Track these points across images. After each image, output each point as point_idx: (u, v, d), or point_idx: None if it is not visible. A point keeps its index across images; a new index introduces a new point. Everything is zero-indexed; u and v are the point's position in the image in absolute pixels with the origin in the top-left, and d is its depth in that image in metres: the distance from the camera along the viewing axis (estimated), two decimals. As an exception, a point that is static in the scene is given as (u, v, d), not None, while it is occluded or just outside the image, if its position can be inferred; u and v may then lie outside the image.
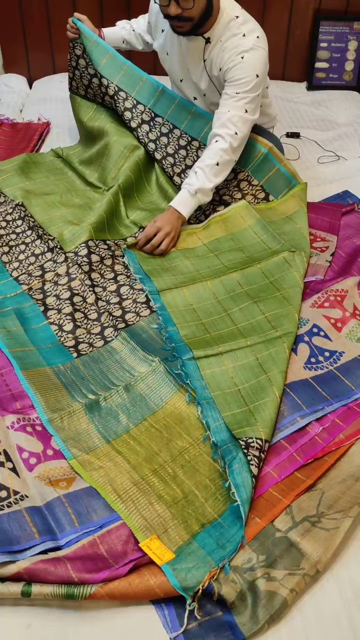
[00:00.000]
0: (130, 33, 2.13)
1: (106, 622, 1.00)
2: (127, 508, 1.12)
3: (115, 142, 2.10)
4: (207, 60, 1.85)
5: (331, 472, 1.22)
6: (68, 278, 1.67)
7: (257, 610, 0.99)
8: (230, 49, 1.77)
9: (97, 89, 2.14)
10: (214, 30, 1.80)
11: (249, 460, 1.17)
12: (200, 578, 1.02)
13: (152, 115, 2.08)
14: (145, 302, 1.62)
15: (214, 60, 1.83)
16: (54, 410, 1.31)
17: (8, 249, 1.84)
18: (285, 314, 1.53)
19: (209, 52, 1.83)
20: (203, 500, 1.16)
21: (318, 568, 1.04)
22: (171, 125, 2.06)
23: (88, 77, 2.14)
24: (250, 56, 1.76)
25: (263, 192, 1.98)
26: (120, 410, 1.33)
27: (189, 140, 2.04)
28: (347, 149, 2.46)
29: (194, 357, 1.43)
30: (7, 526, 1.07)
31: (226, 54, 1.78)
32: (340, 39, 2.92)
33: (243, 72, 1.76)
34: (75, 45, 2.10)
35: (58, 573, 0.99)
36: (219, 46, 1.80)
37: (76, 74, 2.18)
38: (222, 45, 1.79)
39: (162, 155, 2.06)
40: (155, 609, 1.01)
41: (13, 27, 2.89)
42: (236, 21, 1.78)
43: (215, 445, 1.25)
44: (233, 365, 1.42)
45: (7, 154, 2.33)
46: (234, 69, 1.77)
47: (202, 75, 1.90)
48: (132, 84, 2.08)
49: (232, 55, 1.77)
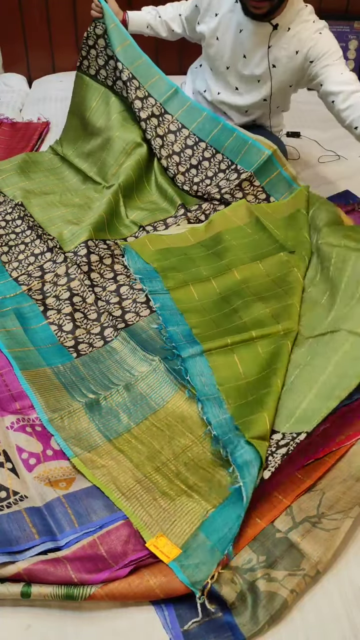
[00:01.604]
0: (155, 19, 2.14)
1: (106, 622, 0.99)
2: (131, 505, 1.12)
3: (118, 138, 2.08)
4: (272, 47, 1.90)
5: (331, 472, 1.21)
6: (67, 278, 1.67)
7: (257, 610, 0.99)
8: (303, 31, 1.87)
9: (112, 72, 2.11)
10: (283, 18, 1.87)
11: (252, 445, 1.17)
12: (208, 572, 1.02)
13: (162, 110, 2.07)
14: (145, 302, 1.62)
15: (282, 46, 1.90)
16: (54, 410, 1.31)
17: (7, 249, 1.83)
18: (287, 309, 1.53)
19: (276, 39, 1.89)
20: (207, 489, 1.16)
21: (318, 569, 1.04)
22: (180, 124, 2.06)
23: (105, 58, 2.11)
24: (327, 32, 1.89)
25: (264, 193, 1.98)
26: (120, 409, 1.33)
27: (197, 141, 2.04)
28: (348, 149, 2.45)
29: (203, 351, 1.42)
30: (6, 527, 1.06)
31: (303, 35, 1.87)
32: (341, 38, 2.92)
33: (326, 44, 1.86)
34: (97, 24, 2.07)
35: (58, 574, 0.99)
36: (287, 33, 1.88)
37: (91, 53, 2.14)
38: (293, 31, 1.88)
39: (169, 152, 2.05)
40: (155, 609, 1.01)
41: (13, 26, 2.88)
42: (305, 9, 1.90)
43: (216, 438, 1.24)
44: (240, 357, 1.41)
45: (7, 153, 2.33)
46: (318, 45, 1.86)
47: (262, 61, 1.94)
48: (146, 76, 2.07)
49: (310, 34, 1.87)
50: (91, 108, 2.16)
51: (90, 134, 2.19)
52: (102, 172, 2.11)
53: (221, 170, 2.01)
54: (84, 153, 2.20)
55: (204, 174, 2.02)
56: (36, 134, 2.45)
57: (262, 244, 1.81)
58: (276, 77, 1.96)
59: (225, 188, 1.96)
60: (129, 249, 1.78)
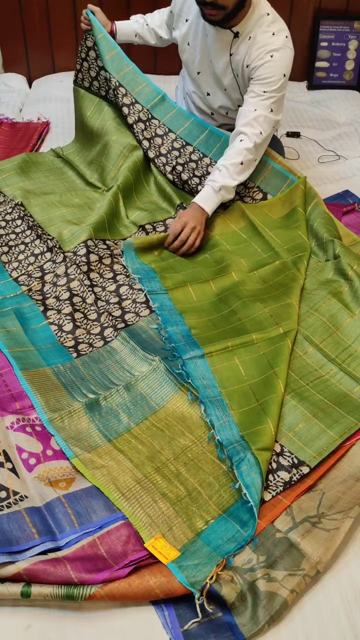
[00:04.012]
0: (143, 27, 2.12)
1: (106, 622, 0.99)
2: (131, 506, 1.12)
3: (115, 142, 2.10)
4: (234, 55, 1.84)
5: (331, 472, 1.22)
6: (67, 279, 1.67)
7: (257, 610, 0.99)
8: (259, 46, 1.77)
9: (104, 82, 2.13)
10: (244, 25, 1.79)
11: (259, 462, 1.17)
12: (207, 572, 1.02)
13: (149, 116, 2.08)
14: (145, 302, 1.62)
15: (240, 55, 1.83)
16: (54, 410, 1.31)
17: (7, 249, 1.83)
18: (286, 309, 1.53)
19: (237, 47, 1.83)
20: (207, 497, 1.16)
21: (318, 569, 1.04)
22: (167, 129, 2.07)
23: (96, 70, 2.12)
24: (279, 55, 1.76)
25: (260, 192, 1.98)
26: (120, 409, 1.33)
27: (183, 145, 2.05)
28: (348, 149, 2.46)
29: (204, 354, 1.42)
30: (6, 527, 1.06)
31: (255, 51, 1.78)
32: (341, 38, 2.92)
33: (271, 70, 1.76)
34: (87, 37, 2.09)
35: (58, 574, 0.99)
36: (247, 42, 1.80)
37: (84, 66, 2.15)
38: (251, 42, 1.78)
39: (155, 154, 2.06)
40: (155, 609, 1.01)
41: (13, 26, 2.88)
42: (267, 18, 1.78)
43: (220, 444, 1.24)
44: (241, 360, 1.41)
45: (7, 153, 2.33)
46: (262, 67, 1.77)
47: (227, 69, 1.89)
48: (133, 84, 2.08)
49: (262, 54, 1.77)
50: (87, 117, 2.19)
51: (90, 142, 2.21)
52: (102, 178, 2.12)
53: (209, 172, 2.01)
54: (86, 162, 2.22)
55: (191, 172, 2.02)
56: (36, 134, 2.45)
57: (257, 252, 1.81)
58: (242, 85, 1.90)
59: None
60: (127, 249, 1.78)
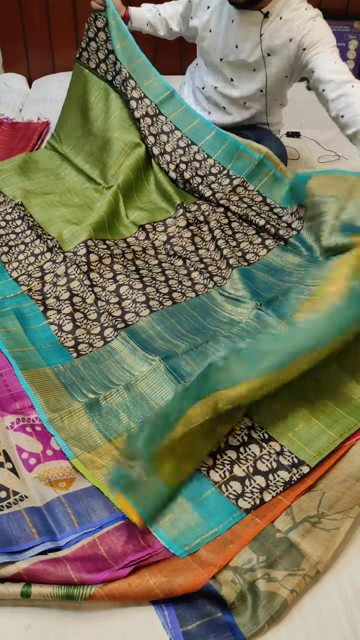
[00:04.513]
0: (155, 16, 2.15)
1: (106, 622, 0.99)
2: None
3: (117, 139, 2.09)
4: (265, 35, 1.90)
5: (331, 472, 1.21)
6: (67, 279, 1.67)
7: (257, 610, 0.99)
8: (296, 19, 1.86)
9: (112, 67, 2.11)
10: (273, 5, 1.86)
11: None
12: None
13: (156, 111, 2.08)
14: (145, 302, 1.62)
15: (273, 34, 1.89)
16: (54, 410, 1.31)
17: (7, 249, 1.83)
18: None
19: (267, 26, 1.89)
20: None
21: (318, 569, 1.04)
22: (173, 126, 2.07)
23: (105, 52, 2.10)
24: (320, 20, 1.86)
25: (259, 196, 1.99)
26: (120, 409, 1.33)
27: (188, 144, 2.05)
28: (348, 149, 2.45)
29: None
30: (6, 527, 1.06)
31: (294, 23, 1.86)
32: (341, 38, 2.92)
33: (319, 30, 1.84)
34: (97, 16, 2.06)
35: (58, 574, 0.99)
36: (278, 21, 1.87)
37: (91, 46, 2.12)
38: (284, 19, 1.86)
39: (160, 151, 2.06)
40: (155, 609, 1.01)
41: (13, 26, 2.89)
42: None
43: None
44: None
45: (7, 153, 2.33)
46: (311, 32, 1.84)
47: (255, 50, 1.94)
48: (142, 76, 2.07)
49: (303, 22, 1.85)
50: (90, 103, 2.16)
51: (89, 131, 2.18)
52: (103, 174, 2.11)
53: (212, 174, 2.01)
54: (84, 152, 2.19)
55: (194, 171, 2.02)
56: (36, 134, 2.45)
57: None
58: (271, 66, 1.96)
59: (219, 192, 1.96)
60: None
